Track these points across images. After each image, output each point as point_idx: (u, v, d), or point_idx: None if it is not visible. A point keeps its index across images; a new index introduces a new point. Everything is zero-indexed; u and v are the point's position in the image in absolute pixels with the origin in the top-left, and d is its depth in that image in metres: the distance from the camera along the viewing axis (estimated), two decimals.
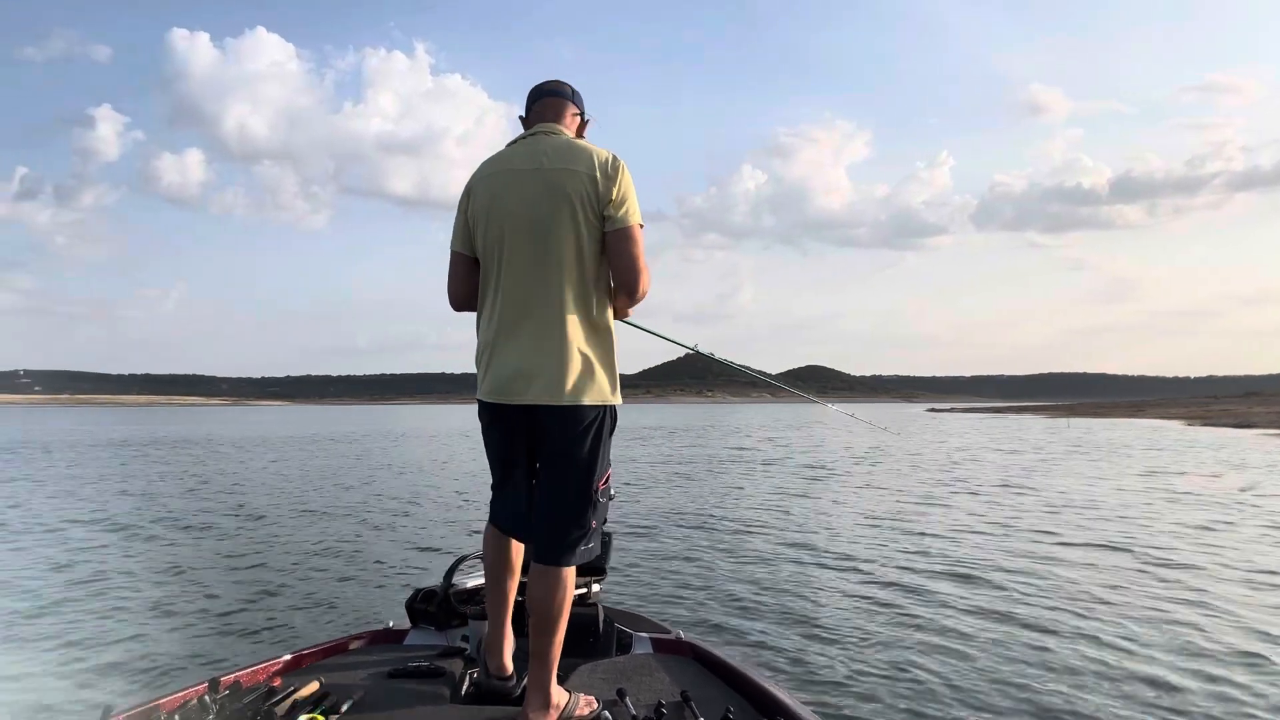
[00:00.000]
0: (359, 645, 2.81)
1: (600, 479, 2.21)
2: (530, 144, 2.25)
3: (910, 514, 10.61)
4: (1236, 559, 7.47)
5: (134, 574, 6.84)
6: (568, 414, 2.13)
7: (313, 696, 2.23)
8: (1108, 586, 6.40)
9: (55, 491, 13.32)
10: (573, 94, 2.39)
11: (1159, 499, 12.18)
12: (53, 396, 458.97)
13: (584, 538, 2.20)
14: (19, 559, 7.48)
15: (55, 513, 10.60)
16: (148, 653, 4.66)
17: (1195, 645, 4.88)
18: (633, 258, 2.19)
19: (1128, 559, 7.53)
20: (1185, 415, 59.85)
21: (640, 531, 9.14)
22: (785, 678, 4.30)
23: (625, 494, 12.72)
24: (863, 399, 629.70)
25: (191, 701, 2.08)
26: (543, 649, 2.15)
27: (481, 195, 2.24)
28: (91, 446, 26.74)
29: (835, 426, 43.54)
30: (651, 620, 3.16)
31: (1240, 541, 8.47)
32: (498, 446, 2.31)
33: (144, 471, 17.53)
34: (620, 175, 2.18)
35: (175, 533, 9.09)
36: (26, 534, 9.02)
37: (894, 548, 8.15)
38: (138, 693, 3.89)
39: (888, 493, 13.22)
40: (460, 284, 2.32)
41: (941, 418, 72.04)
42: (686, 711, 2.19)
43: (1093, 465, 18.83)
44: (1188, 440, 30.49)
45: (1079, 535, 8.85)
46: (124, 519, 10.09)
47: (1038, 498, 12.37)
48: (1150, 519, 10.10)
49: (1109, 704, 3.96)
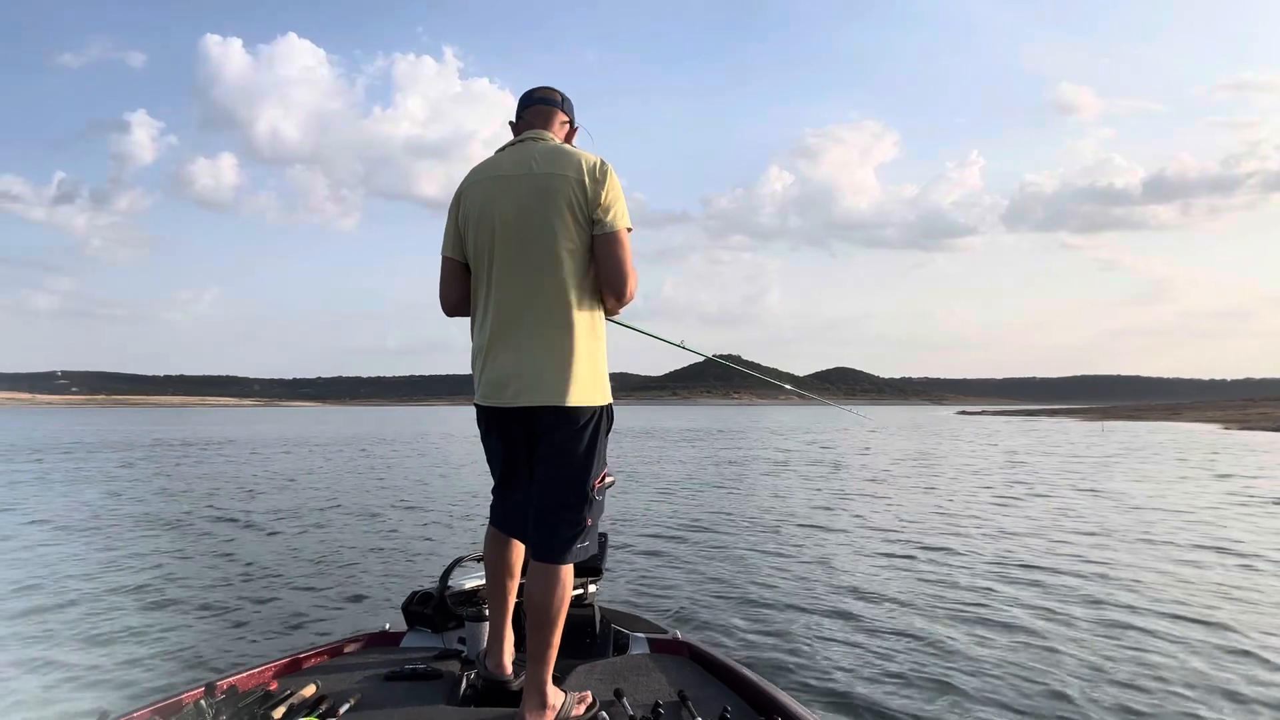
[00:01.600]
0: (355, 648, 2.82)
1: (596, 478, 2.24)
2: (520, 149, 2.27)
3: (913, 515, 10.53)
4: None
5: (129, 579, 6.79)
6: (563, 415, 2.16)
7: (310, 700, 2.24)
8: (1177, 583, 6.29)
9: (51, 494, 13.34)
10: (562, 101, 2.41)
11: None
12: (89, 397, 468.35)
13: (580, 535, 2.22)
14: (14, 566, 7.39)
15: (54, 517, 10.59)
16: (144, 657, 4.66)
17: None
18: (620, 261, 2.20)
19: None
20: (1222, 418, 58.78)
21: (638, 532, 9.15)
22: (783, 677, 4.29)
23: (626, 495, 12.73)
24: (891, 401, 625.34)
25: (188, 705, 2.09)
26: (540, 648, 2.16)
27: (472, 200, 2.26)
28: (93, 450, 26.84)
29: (856, 430, 43.27)
30: (648, 620, 3.14)
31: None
32: (497, 449, 2.34)
33: (143, 475, 17.56)
34: (608, 180, 2.20)
35: (172, 537, 9.03)
36: (24, 536, 9.06)
37: (896, 549, 8.08)
38: (134, 697, 3.91)
39: (894, 495, 13.13)
40: (452, 289, 2.35)
41: (971, 420, 71.33)
42: (684, 711, 2.19)
43: (1159, 469, 18.54)
44: (1238, 444, 29.90)
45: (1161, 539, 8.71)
46: (121, 523, 10.04)
47: (1083, 501, 12.21)
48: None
49: (1105, 703, 3.90)
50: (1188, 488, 14.44)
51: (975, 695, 4.06)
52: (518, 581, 2.43)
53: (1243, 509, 11.40)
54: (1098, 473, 17.55)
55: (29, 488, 14.46)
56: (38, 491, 13.72)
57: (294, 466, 19.41)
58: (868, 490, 14.05)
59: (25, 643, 4.92)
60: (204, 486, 14.65)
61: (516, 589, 2.43)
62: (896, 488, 14.51)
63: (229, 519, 10.53)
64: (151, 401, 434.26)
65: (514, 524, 2.37)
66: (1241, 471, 18.02)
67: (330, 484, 15.13)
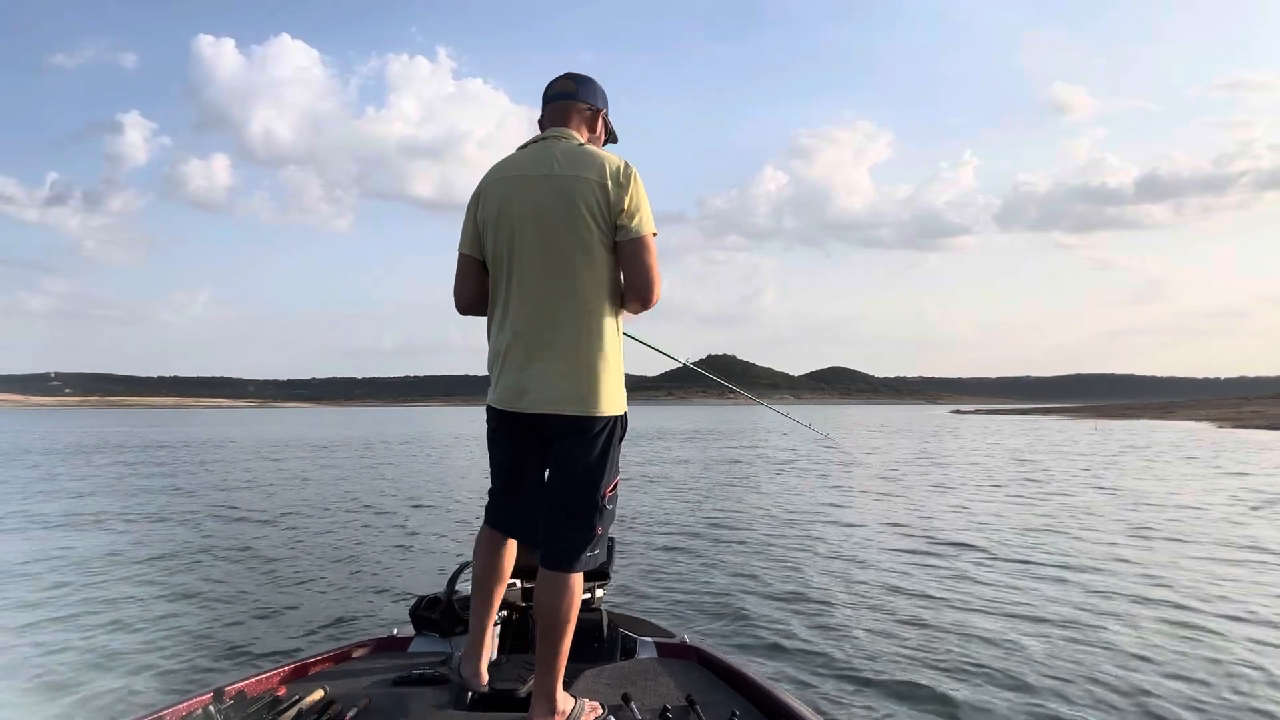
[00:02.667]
0: (363, 653, 2.81)
1: (608, 486, 2.22)
2: (541, 148, 2.23)
3: (927, 513, 10.49)
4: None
5: (136, 584, 6.75)
6: (579, 423, 2.14)
7: (318, 705, 2.24)
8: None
9: (47, 497, 13.29)
10: (579, 89, 2.33)
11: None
12: (83, 399, 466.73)
13: (591, 543, 2.20)
14: (14, 569, 7.34)
15: (53, 520, 10.54)
16: (152, 663, 4.64)
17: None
18: (647, 267, 2.18)
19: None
20: (1216, 417, 58.92)
21: (646, 535, 9.12)
22: (791, 682, 4.27)
23: (629, 497, 12.73)
24: (887, 401, 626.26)
25: (196, 711, 2.09)
26: (549, 655, 2.15)
27: (492, 200, 2.23)
28: (88, 453, 26.84)
29: (852, 430, 43.24)
30: (656, 624, 3.14)
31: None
32: (506, 452, 2.30)
33: (141, 475, 17.48)
34: (632, 184, 2.16)
35: (177, 542, 8.95)
36: (20, 538, 9.01)
37: (906, 549, 8.07)
38: (141, 705, 3.87)
39: (893, 494, 13.10)
40: (468, 287, 2.32)
41: (966, 420, 71.42)
42: (692, 716, 2.18)
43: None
44: (1236, 442, 29.96)
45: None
46: (122, 527, 9.97)
47: (1074, 498, 12.24)
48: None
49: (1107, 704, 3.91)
50: (1207, 484, 14.52)
51: (987, 701, 4.03)
52: (504, 588, 2.41)
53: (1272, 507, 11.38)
54: (1108, 470, 17.66)
55: (17, 498, 14.23)
56: (25, 498, 13.52)
57: (296, 469, 19.32)
58: (873, 488, 14.07)
59: (28, 653, 4.88)
60: (206, 490, 14.55)
61: (502, 595, 2.41)
62: (904, 485, 14.56)
63: (234, 521, 10.49)
64: (145, 403, 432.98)
65: (519, 527, 2.34)
66: (1255, 469, 18.03)
67: (334, 487, 15.04)
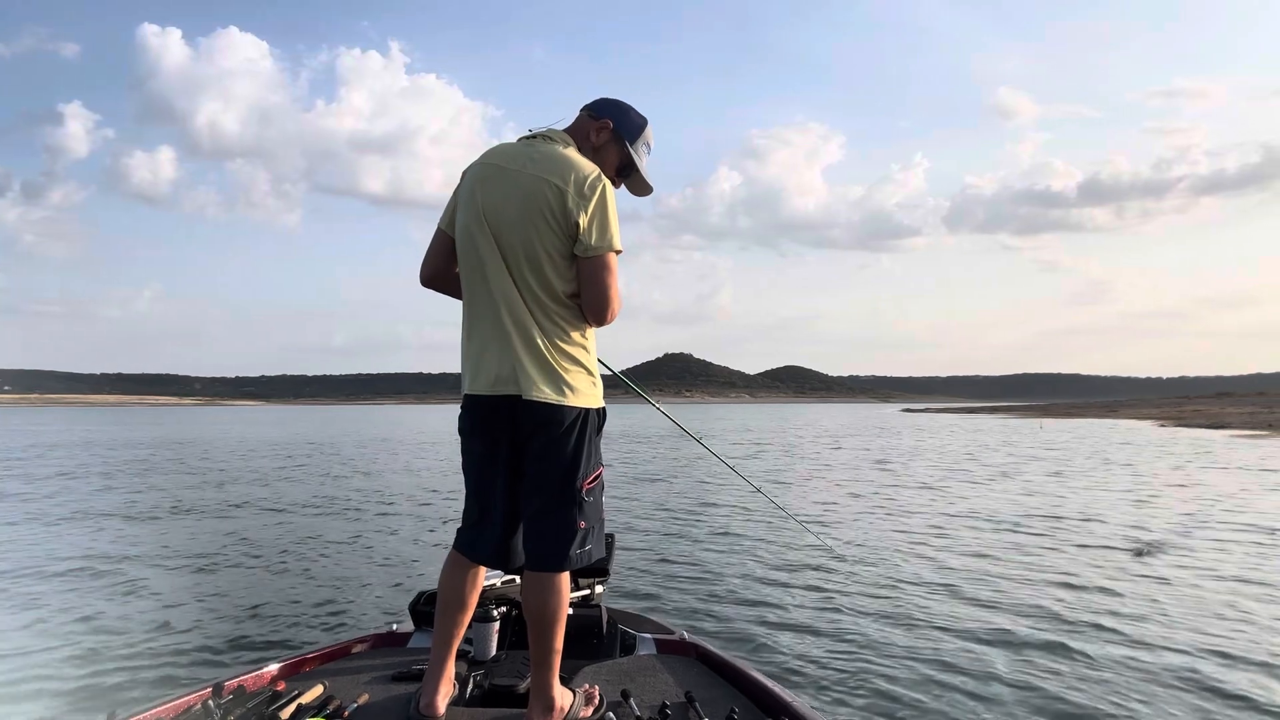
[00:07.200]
0: (362, 649, 2.79)
1: (586, 478, 2.17)
2: (528, 145, 2.24)
3: (914, 509, 10.64)
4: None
5: (134, 580, 6.67)
6: (551, 412, 2.11)
7: (316, 700, 2.22)
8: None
9: (43, 497, 13.02)
10: (604, 109, 2.33)
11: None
12: (22, 396, 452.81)
13: (575, 540, 2.15)
14: (12, 572, 7.20)
15: (50, 519, 10.33)
16: (150, 658, 4.60)
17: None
18: (604, 286, 2.14)
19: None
20: (1159, 416, 60.50)
21: (643, 533, 9.09)
22: (790, 678, 4.27)
23: (627, 496, 12.68)
24: (840, 399, 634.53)
25: (195, 706, 2.06)
26: (542, 654, 2.13)
27: (467, 183, 2.24)
28: (79, 449, 26.24)
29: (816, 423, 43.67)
30: (655, 621, 3.13)
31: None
32: (475, 451, 2.24)
33: (132, 472, 17.24)
34: (595, 197, 2.11)
35: (174, 537, 8.85)
36: (16, 539, 8.82)
37: (902, 548, 8.10)
38: (141, 698, 3.80)
39: (888, 492, 13.25)
40: (433, 262, 2.33)
41: (914, 417, 72.46)
42: (691, 712, 2.18)
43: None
44: (1172, 440, 30.84)
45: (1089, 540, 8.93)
46: (117, 523, 9.88)
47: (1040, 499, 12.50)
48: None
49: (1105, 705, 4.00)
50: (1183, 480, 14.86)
51: (987, 699, 4.02)
52: (470, 616, 2.32)
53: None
54: (1092, 468, 17.93)
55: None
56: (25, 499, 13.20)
57: (286, 465, 19.02)
58: (851, 486, 14.20)
59: (28, 645, 4.82)
60: (195, 486, 14.34)
61: (466, 625, 2.31)
62: (899, 482, 14.70)
63: (229, 518, 10.34)
64: (88, 400, 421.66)
65: (491, 552, 2.25)
66: (1243, 464, 18.36)
67: (331, 485, 14.82)
